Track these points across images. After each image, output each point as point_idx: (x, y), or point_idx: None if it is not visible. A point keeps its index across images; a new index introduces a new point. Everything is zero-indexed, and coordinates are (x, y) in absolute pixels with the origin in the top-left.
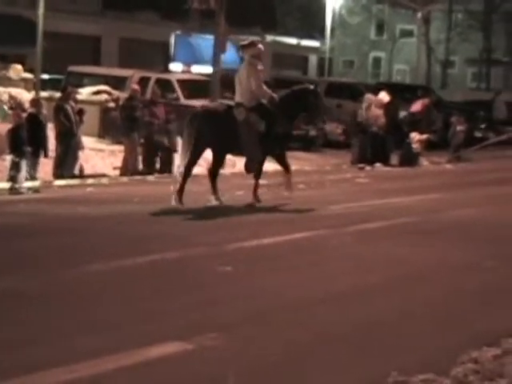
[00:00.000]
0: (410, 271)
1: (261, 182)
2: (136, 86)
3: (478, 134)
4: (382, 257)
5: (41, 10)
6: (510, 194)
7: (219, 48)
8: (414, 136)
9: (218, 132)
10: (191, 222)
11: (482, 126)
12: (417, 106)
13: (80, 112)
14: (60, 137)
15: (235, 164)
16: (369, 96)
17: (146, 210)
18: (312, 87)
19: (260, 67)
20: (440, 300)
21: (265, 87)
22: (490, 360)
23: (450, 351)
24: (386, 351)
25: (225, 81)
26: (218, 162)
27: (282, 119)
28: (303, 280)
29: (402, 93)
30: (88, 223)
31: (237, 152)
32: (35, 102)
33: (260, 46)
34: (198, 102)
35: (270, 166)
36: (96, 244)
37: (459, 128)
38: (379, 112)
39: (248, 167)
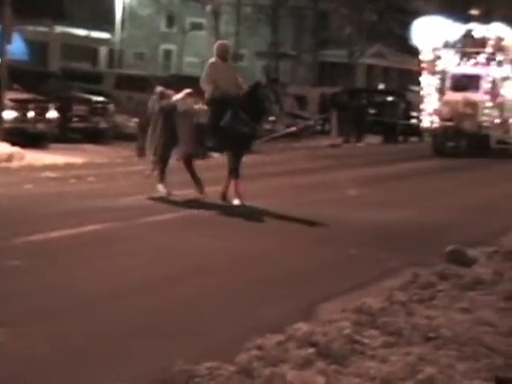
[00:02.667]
0: (201, 262)
1: (51, 175)
2: None
3: (267, 126)
4: (175, 248)
5: None
6: (298, 185)
7: (5, 39)
8: None
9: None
10: None
11: (271, 118)
12: None
13: None
14: None
15: (24, 157)
16: (160, 88)
17: None
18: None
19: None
20: (228, 289)
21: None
22: (274, 346)
23: (236, 339)
24: (172, 341)
25: (13, 72)
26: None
27: (237, 119)
28: (93, 274)
29: (194, 85)
30: None
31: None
32: None
33: (223, 42)
34: None
35: (59, 159)
36: None
37: None
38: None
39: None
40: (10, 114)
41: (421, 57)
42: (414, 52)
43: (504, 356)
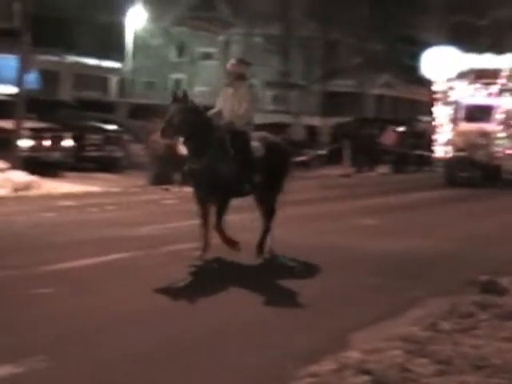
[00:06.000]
0: (225, 289)
1: (70, 203)
2: None
3: None
4: (195, 277)
5: None
6: (309, 214)
7: (24, 68)
8: None
9: None
10: None
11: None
12: None
13: None
14: None
15: (41, 185)
16: None
17: None
18: None
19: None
20: (252, 319)
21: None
22: (329, 374)
23: (280, 367)
24: (209, 369)
25: (27, 101)
26: None
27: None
28: (115, 301)
29: None
30: None
31: None
32: None
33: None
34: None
35: (76, 187)
36: None
37: None
38: None
39: None
40: (26, 143)
41: (433, 87)
42: (423, 82)
43: None
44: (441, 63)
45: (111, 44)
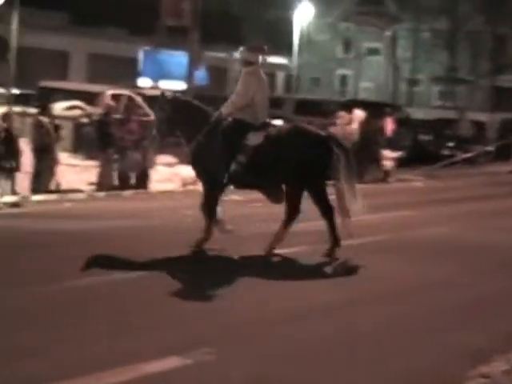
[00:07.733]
0: (389, 287)
1: (235, 197)
2: (111, 102)
3: (446, 152)
4: (363, 272)
5: (15, 26)
6: (477, 212)
7: (193, 64)
8: (386, 153)
9: None
10: (166, 236)
11: (450, 143)
12: (390, 125)
13: (57, 127)
14: (38, 152)
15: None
16: (342, 113)
17: (124, 226)
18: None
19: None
20: (417, 315)
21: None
22: (501, 375)
23: (446, 366)
24: (372, 370)
25: (195, 98)
26: None
27: None
28: (284, 294)
29: (371, 110)
30: (67, 238)
31: None
32: (7, 117)
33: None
34: None
35: None
36: (74, 259)
37: None
38: (354, 128)
39: None
40: None
41: None
42: None
43: None
44: None
45: (278, 40)
